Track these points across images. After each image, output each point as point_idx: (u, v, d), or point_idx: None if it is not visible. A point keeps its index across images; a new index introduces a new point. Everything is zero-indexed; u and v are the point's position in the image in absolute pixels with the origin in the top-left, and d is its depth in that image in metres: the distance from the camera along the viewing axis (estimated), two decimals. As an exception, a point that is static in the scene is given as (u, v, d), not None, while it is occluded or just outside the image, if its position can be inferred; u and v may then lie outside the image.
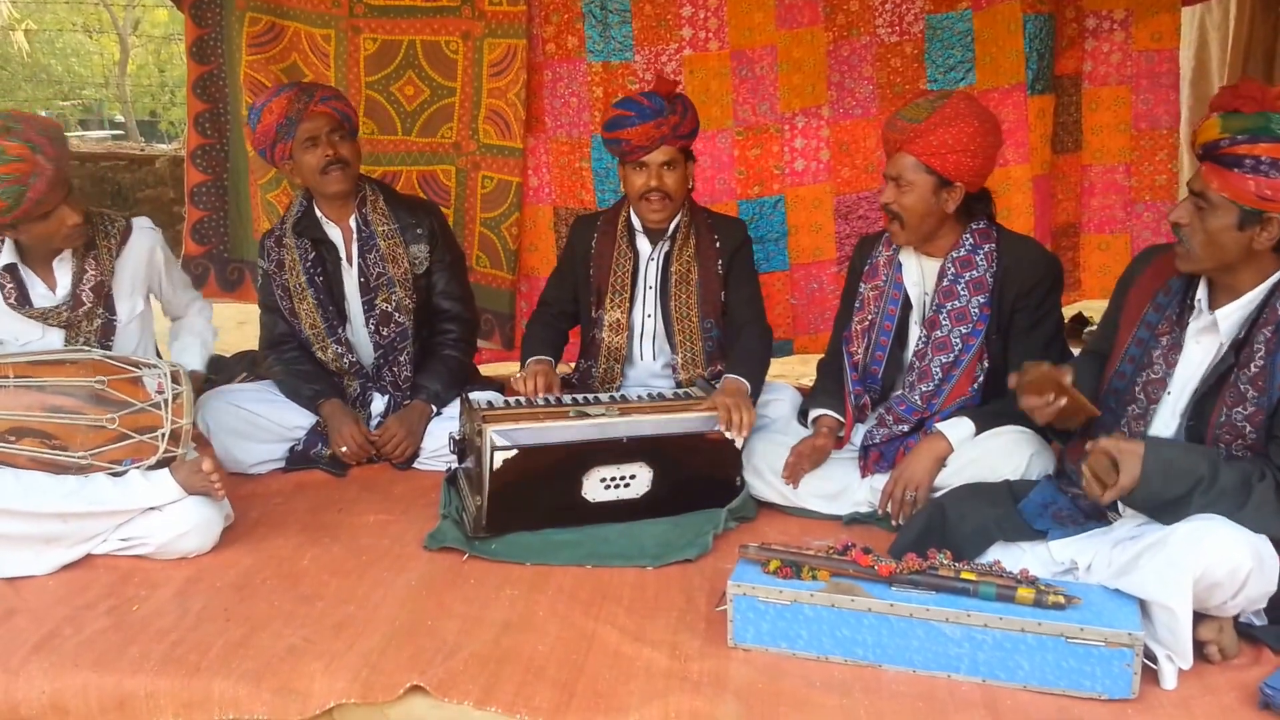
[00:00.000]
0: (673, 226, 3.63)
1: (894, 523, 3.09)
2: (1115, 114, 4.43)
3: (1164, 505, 2.40)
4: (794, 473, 3.25)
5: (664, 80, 3.59)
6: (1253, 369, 2.42)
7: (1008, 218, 4.17)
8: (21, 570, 2.81)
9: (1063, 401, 2.55)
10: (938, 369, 3.17)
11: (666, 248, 3.65)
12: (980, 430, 3.08)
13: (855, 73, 4.41)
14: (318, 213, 3.76)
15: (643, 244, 3.70)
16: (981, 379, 3.17)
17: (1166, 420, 2.59)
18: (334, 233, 3.76)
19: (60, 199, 2.98)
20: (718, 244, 3.63)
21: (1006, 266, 3.14)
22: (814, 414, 3.38)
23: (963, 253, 3.15)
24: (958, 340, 3.16)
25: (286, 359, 3.78)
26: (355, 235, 3.74)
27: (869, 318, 3.32)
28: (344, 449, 3.60)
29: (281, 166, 3.71)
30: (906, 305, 3.25)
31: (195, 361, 3.59)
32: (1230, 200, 2.37)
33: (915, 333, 3.25)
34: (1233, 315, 2.49)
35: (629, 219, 3.71)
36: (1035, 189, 4.35)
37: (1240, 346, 2.46)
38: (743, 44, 4.43)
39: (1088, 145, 4.48)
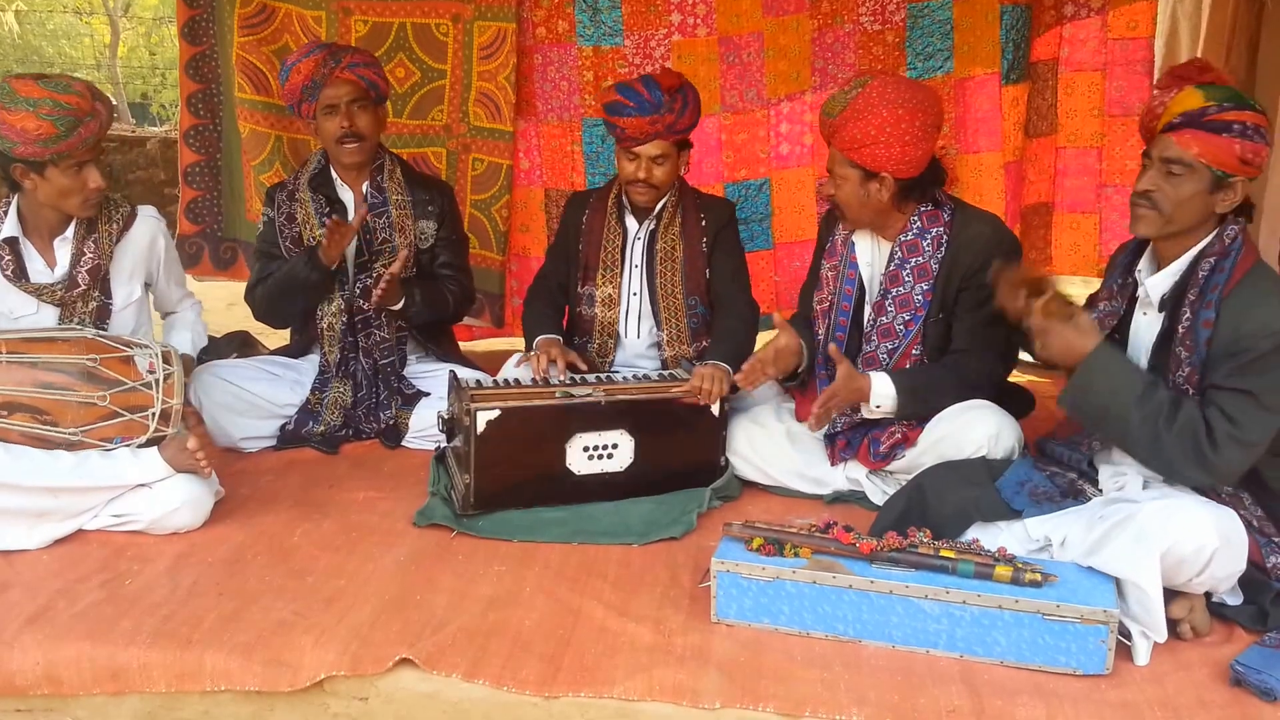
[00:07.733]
0: (659, 206, 3.64)
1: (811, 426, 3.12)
2: (1088, 99, 4.50)
3: (1098, 410, 2.50)
4: (750, 377, 3.14)
5: (669, 72, 3.55)
6: (1181, 330, 2.49)
7: (978, 205, 4.19)
8: (13, 544, 2.83)
9: (1050, 290, 2.59)
10: (884, 355, 3.16)
11: (652, 226, 3.66)
12: (902, 398, 3.04)
13: (839, 59, 4.46)
14: (333, 173, 3.78)
15: (630, 222, 3.71)
16: (919, 361, 3.14)
17: None
18: (346, 195, 3.77)
19: (95, 156, 3.07)
20: (703, 222, 3.64)
21: (955, 249, 3.08)
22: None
23: (909, 237, 3.11)
24: (901, 327, 3.13)
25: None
26: (366, 201, 3.73)
27: (828, 299, 3.30)
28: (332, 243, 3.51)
29: (308, 125, 3.74)
30: (863, 286, 3.23)
31: (185, 348, 3.56)
32: (1208, 165, 2.44)
33: (866, 315, 3.23)
34: (1160, 284, 2.56)
35: (619, 196, 3.71)
36: (1006, 175, 4.43)
37: (1173, 312, 2.53)
38: (730, 30, 4.47)
39: (1062, 128, 4.56)
